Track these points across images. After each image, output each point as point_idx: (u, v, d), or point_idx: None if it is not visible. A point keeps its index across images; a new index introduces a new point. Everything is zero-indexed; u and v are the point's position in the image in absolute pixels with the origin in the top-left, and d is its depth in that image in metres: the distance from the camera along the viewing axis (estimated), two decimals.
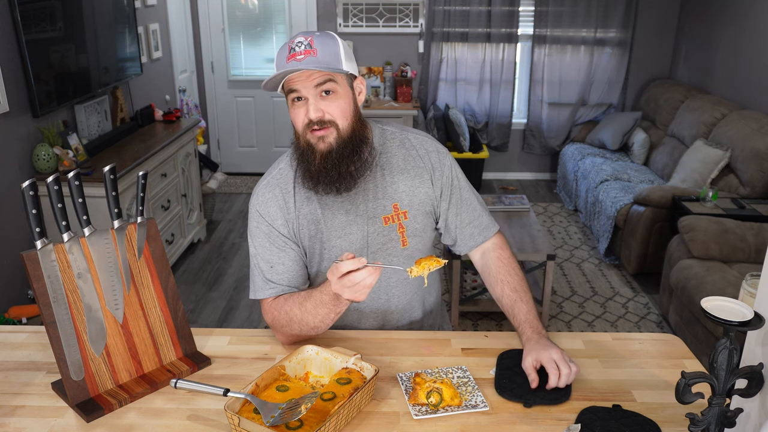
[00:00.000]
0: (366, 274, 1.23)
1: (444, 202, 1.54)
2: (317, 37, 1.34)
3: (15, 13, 2.96)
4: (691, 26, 5.39)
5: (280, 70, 1.33)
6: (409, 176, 1.49)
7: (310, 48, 1.32)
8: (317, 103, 1.35)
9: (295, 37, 1.35)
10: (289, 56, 1.33)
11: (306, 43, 1.32)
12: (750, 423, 1.08)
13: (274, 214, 1.47)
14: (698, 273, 3.10)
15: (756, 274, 1.15)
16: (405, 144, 1.52)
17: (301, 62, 1.31)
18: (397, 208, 1.48)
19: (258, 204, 1.49)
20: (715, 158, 4.08)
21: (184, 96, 5.41)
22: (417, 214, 1.51)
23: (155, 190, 3.79)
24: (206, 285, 4.01)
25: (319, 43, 1.33)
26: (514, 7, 5.57)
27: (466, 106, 5.89)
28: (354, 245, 1.48)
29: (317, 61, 1.31)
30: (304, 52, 1.32)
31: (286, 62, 1.33)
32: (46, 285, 1.24)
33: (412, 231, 1.51)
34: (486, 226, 1.59)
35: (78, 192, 1.29)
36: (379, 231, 1.48)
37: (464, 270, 3.77)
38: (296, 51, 1.32)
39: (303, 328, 1.42)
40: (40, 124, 3.27)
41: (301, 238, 1.50)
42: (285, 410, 1.15)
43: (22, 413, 1.26)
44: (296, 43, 1.33)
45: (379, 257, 1.50)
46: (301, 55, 1.32)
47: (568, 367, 1.30)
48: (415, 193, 1.50)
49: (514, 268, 1.55)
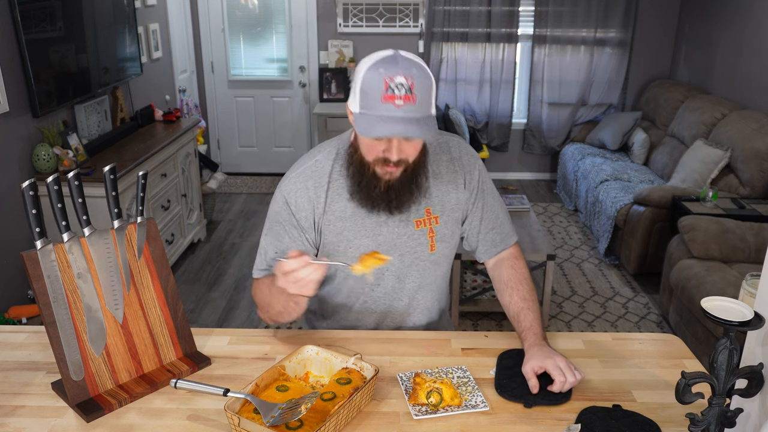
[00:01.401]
0: (310, 270, 1.23)
1: (472, 206, 1.54)
2: (417, 78, 1.24)
3: (15, 13, 2.96)
4: (691, 26, 5.39)
5: (379, 116, 1.25)
6: (443, 181, 1.49)
7: (410, 93, 1.24)
8: (400, 145, 1.31)
9: (393, 72, 1.24)
10: (386, 96, 1.23)
11: (407, 87, 1.23)
12: (750, 423, 1.08)
13: (301, 205, 1.46)
14: (698, 273, 3.10)
15: (756, 274, 1.15)
16: (442, 147, 1.51)
17: (400, 109, 1.23)
18: (429, 213, 1.49)
19: (287, 191, 1.47)
20: (715, 158, 4.08)
21: (184, 96, 5.41)
22: (448, 220, 1.51)
23: (155, 190, 3.79)
24: (206, 285, 4.00)
25: (419, 85, 1.25)
26: (514, 7, 5.57)
27: (466, 106, 5.89)
28: (382, 246, 1.48)
29: (416, 112, 1.25)
30: (404, 98, 1.23)
31: (381, 101, 1.24)
32: (46, 285, 1.24)
33: (441, 236, 1.51)
34: (507, 234, 1.58)
35: (78, 192, 1.29)
36: (410, 234, 1.48)
37: (464, 270, 3.77)
38: (395, 94, 1.23)
39: (270, 311, 1.43)
40: (40, 124, 3.27)
41: (324, 234, 1.48)
42: (285, 410, 1.15)
43: (22, 413, 1.26)
44: (397, 84, 1.23)
45: (406, 259, 1.50)
46: (400, 99, 1.23)
47: (574, 376, 1.31)
48: (447, 199, 1.50)
49: (526, 278, 1.55)
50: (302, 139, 6.12)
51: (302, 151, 5.83)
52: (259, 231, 1.52)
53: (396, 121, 1.25)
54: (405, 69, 1.25)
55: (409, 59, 1.28)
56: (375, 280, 1.52)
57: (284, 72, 5.95)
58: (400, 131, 1.26)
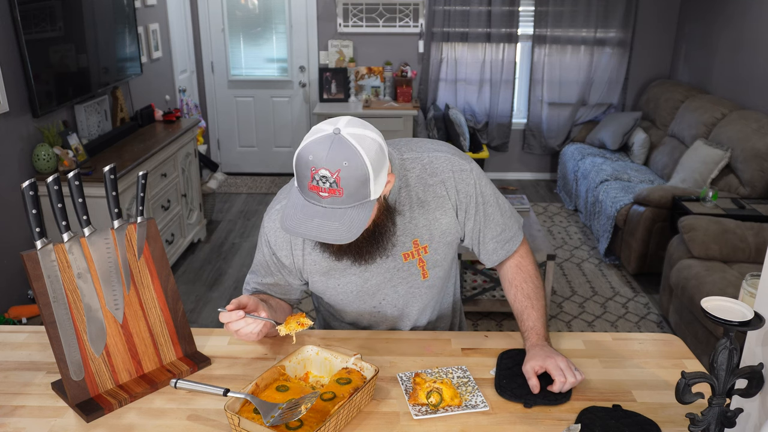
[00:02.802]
0: (243, 324, 1.32)
1: (469, 222, 1.47)
2: (346, 170, 1.16)
3: (15, 13, 2.96)
4: (691, 26, 5.39)
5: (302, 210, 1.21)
6: (429, 209, 1.42)
7: (336, 187, 1.18)
8: None
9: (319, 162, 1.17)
10: (311, 185, 1.19)
11: (331, 181, 1.17)
12: (750, 423, 1.08)
13: (280, 245, 1.45)
14: (698, 273, 3.10)
15: (756, 274, 1.15)
16: (427, 169, 1.42)
17: (325, 200, 1.19)
18: (417, 244, 1.45)
19: (268, 229, 1.46)
20: (715, 158, 4.08)
21: (184, 96, 5.41)
22: (438, 246, 1.46)
23: (155, 190, 3.79)
24: (206, 285, 4.00)
25: (347, 176, 1.17)
26: (514, 7, 5.57)
27: (466, 106, 5.89)
28: (370, 281, 1.47)
29: (343, 203, 1.19)
30: (329, 191, 1.18)
31: (308, 188, 1.20)
32: (46, 285, 1.24)
33: (432, 263, 1.48)
34: (510, 239, 1.52)
35: (78, 192, 1.29)
36: (399, 267, 1.46)
37: (464, 270, 3.77)
38: (320, 186, 1.18)
39: None
40: (40, 124, 3.27)
41: (309, 273, 1.47)
42: (285, 410, 1.15)
43: (22, 413, 1.26)
44: (321, 177, 1.17)
45: (400, 289, 1.50)
46: (324, 192, 1.18)
47: (574, 377, 1.31)
48: (435, 226, 1.43)
49: (531, 277, 1.53)
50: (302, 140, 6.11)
51: None
52: (259, 231, 1.52)
53: (317, 215, 1.20)
54: (332, 161, 1.16)
55: (345, 145, 1.17)
56: (373, 308, 1.53)
57: (284, 72, 5.95)
58: (314, 232, 1.20)
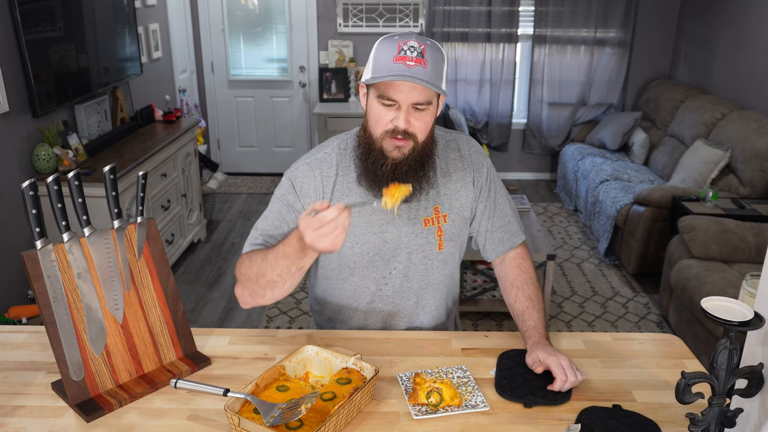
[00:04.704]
0: (344, 216, 1.17)
1: (480, 204, 1.53)
2: (429, 48, 1.29)
3: (15, 13, 2.96)
4: (691, 26, 5.39)
5: (390, 72, 1.27)
6: (451, 179, 1.49)
7: (422, 58, 1.27)
8: (408, 114, 1.32)
9: (406, 37, 1.29)
10: (398, 57, 1.27)
11: (419, 51, 1.27)
12: (750, 423, 1.08)
13: (306, 191, 1.45)
14: (698, 273, 3.10)
15: (756, 274, 1.15)
16: (450, 145, 1.52)
17: (411, 69, 1.26)
18: (437, 211, 1.48)
19: (294, 176, 1.47)
20: (715, 158, 4.08)
21: (184, 96, 5.41)
22: (456, 218, 1.51)
23: (155, 190, 3.79)
24: (206, 285, 4.00)
25: (431, 55, 1.29)
26: (514, 7, 5.57)
27: (466, 106, 5.89)
28: (388, 243, 1.47)
29: (427, 75, 1.27)
30: (416, 60, 1.27)
31: (393, 61, 1.27)
32: (46, 285, 1.24)
33: (449, 235, 1.50)
34: (514, 233, 1.57)
35: (78, 192, 1.29)
36: (418, 232, 1.48)
37: (464, 270, 3.77)
38: (407, 55, 1.27)
39: (261, 281, 1.35)
40: (40, 124, 3.27)
41: None
42: (285, 410, 1.15)
43: (22, 413, 1.26)
44: (409, 46, 1.28)
45: (414, 257, 1.50)
46: (411, 61, 1.26)
47: (575, 376, 1.31)
48: (456, 197, 1.50)
49: (532, 278, 1.54)
50: (302, 139, 6.12)
51: (302, 152, 5.83)
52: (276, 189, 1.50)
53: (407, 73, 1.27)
54: (418, 37, 1.29)
55: (424, 37, 1.32)
56: (382, 279, 1.51)
57: (284, 72, 5.95)
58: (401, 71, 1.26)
